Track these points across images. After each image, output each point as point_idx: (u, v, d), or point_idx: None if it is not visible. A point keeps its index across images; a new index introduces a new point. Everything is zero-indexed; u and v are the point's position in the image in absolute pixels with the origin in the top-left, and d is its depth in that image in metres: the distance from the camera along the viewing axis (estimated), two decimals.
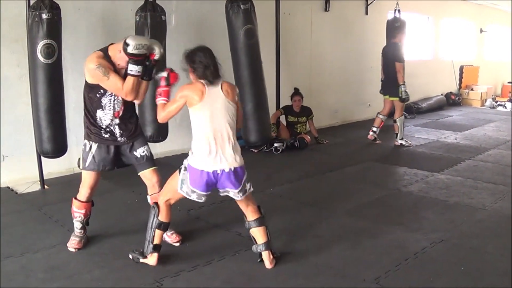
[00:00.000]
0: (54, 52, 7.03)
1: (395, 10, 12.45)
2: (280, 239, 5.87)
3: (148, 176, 5.64)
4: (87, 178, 5.55)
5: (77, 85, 8.26)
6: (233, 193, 4.95)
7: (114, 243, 5.81)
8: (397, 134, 11.37)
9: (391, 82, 11.05)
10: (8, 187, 7.98)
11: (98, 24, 8.86)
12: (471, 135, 12.72)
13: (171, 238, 5.79)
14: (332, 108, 14.01)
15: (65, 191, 7.63)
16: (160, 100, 4.96)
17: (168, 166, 5.70)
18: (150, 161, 5.64)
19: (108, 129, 5.39)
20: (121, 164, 5.66)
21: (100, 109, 5.32)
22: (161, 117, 4.97)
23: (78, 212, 5.64)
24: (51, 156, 7.49)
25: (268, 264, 5.13)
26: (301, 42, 12.97)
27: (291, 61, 12.47)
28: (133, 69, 5.04)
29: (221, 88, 4.86)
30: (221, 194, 5.04)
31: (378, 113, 11.67)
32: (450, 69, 19.36)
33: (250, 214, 5.17)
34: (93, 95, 5.29)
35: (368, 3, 14.72)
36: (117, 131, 5.41)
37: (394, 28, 11.68)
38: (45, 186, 8.02)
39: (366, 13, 14.78)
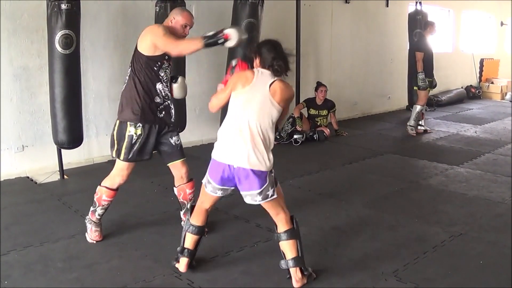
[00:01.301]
0: (72, 42, 7.06)
1: (416, 2, 12.42)
2: (299, 230, 5.87)
3: (178, 166, 5.63)
4: (125, 169, 5.49)
5: (97, 75, 8.36)
6: (251, 196, 4.55)
7: (133, 233, 5.84)
8: (419, 122, 11.81)
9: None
10: (28, 177, 8.03)
11: (119, 14, 8.87)
12: (491, 128, 12.64)
13: None
14: (352, 100, 13.97)
15: (84, 181, 7.69)
16: (219, 88, 4.87)
17: (187, 158, 5.68)
18: (181, 151, 5.64)
19: (166, 103, 5.41)
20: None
21: (159, 82, 5.33)
22: (211, 104, 4.75)
23: (107, 200, 5.59)
24: (66, 147, 7.56)
25: (295, 283, 4.67)
26: (322, 33, 12.94)
27: (311, 52, 12.47)
28: (209, 42, 5.03)
29: (270, 84, 4.50)
30: (244, 199, 4.64)
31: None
32: (471, 62, 19.25)
33: (281, 225, 4.72)
34: (150, 70, 5.28)
35: None
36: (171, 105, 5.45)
37: (418, 21, 11.86)
38: (65, 176, 8.06)
39: (387, 5, 14.70)
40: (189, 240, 4.89)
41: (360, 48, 14.10)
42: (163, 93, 5.36)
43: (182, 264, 4.89)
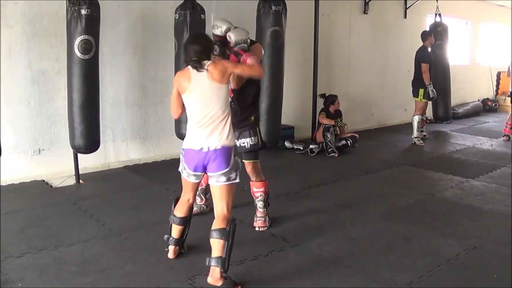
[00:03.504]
0: (91, 48, 7.11)
1: (436, 14, 12.40)
2: (314, 240, 5.87)
3: (245, 165, 6.08)
4: None
5: (115, 81, 8.40)
6: (217, 177, 4.83)
7: (148, 239, 5.84)
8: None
9: (413, 83, 11.79)
10: (43, 181, 8.07)
11: (138, 21, 8.91)
12: (507, 142, 12.55)
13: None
14: (368, 110, 13.98)
15: (100, 186, 7.73)
16: None
17: None
18: (246, 153, 6.11)
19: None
20: None
21: None
22: (171, 112, 5.22)
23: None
24: (83, 151, 7.60)
25: (209, 279, 4.69)
26: (339, 43, 12.94)
27: (329, 62, 12.45)
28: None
29: (207, 71, 4.79)
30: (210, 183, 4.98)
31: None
32: (488, 75, 19.15)
33: (217, 221, 4.79)
34: None
35: (407, 6, 14.64)
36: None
37: (438, 33, 11.91)
38: (80, 181, 8.09)
39: (405, 17, 14.70)
40: (174, 231, 5.32)
41: (377, 59, 14.10)
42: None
43: (170, 251, 5.34)
